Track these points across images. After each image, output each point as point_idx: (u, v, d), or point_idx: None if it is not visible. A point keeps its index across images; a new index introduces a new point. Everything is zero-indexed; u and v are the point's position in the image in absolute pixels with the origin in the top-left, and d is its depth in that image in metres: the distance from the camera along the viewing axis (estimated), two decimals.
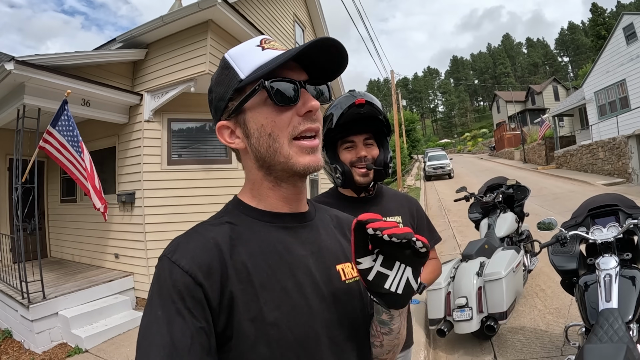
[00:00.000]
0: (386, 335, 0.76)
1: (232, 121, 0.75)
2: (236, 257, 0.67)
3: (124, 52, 5.95)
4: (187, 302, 0.60)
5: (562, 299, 4.07)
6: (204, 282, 0.62)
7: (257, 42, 0.75)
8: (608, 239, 2.44)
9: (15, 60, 4.40)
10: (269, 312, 0.65)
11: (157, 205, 5.81)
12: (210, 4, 5.12)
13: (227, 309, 0.63)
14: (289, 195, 0.77)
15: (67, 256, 7.46)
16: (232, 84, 0.72)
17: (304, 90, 0.72)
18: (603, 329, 1.94)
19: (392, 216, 1.54)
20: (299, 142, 0.72)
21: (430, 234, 1.65)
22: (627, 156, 12.63)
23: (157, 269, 0.66)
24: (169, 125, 6.07)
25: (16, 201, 4.69)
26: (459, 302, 3.26)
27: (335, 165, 1.46)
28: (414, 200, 1.66)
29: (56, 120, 4.52)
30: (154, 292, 0.63)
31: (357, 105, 1.39)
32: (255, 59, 0.71)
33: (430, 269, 1.63)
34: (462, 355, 3.37)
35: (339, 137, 1.48)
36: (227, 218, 0.74)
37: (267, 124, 0.71)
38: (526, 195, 4.79)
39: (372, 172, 1.46)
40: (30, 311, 4.55)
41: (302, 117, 0.72)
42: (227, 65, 0.74)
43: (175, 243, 0.68)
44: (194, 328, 0.59)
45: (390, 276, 0.65)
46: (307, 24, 11.08)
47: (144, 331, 0.61)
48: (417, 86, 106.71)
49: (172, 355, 0.57)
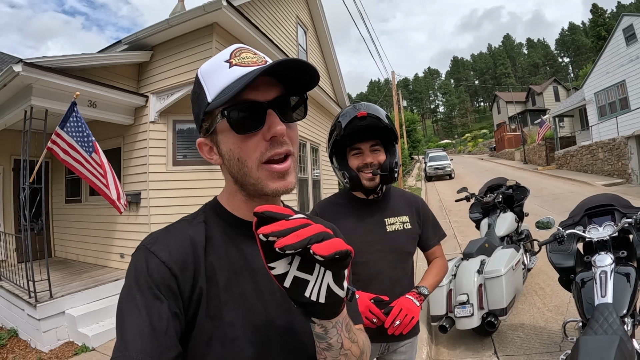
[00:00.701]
0: (326, 351, 0.66)
1: (208, 139, 0.76)
2: (207, 256, 0.71)
3: (129, 54, 6.03)
4: (163, 290, 0.63)
5: (561, 297, 4.14)
6: (179, 275, 0.66)
7: (227, 56, 0.72)
8: (604, 237, 2.52)
9: (24, 62, 4.46)
10: (227, 312, 0.68)
11: (162, 205, 5.88)
12: (215, 7, 5.20)
13: (196, 303, 0.67)
14: None
15: (72, 256, 7.52)
16: (202, 106, 0.72)
17: (270, 112, 0.69)
18: (598, 323, 2.02)
19: (400, 215, 1.64)
20: (268, 166, 0.70)
21: (434, 231, 1.73)
22: (626, 157, 12.68)
23: (134, 257, 0.68)
24: (174, 126, 6.14)
25: (23, 201, 4.72)
26: (460, 299, 3.34)
27: (344, 171, 1.58)
28: (419, 199, 1.75)
29: (65, 122, 4.57)
30: (131, 279, 0.65)
31: (359, 118, 1.49)
32: (220, 79, 0.69)
33: (435, 271, 1.70)
34: (463, 351, 3.44)
35: (347, 144, 1.59)
36: (204, 218, 0.77)
37: (235, 149, 0.71)
38: (525, 195, 4.87)
39: (379, 176, 1.56)
40: (37, 310, 4.59)
41: (269, 142, 0.69)
42: (199, 83, 0.74)
43: (154, 236, 0.71)
44: (170, 312, 0.62)
45: (311, 282, 0.55)
46: (309, 25, 11.15)
47: (122, 313, 0.62)
48: (418, 87, 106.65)
49: (150, 336, 0.59)
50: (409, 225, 1.63)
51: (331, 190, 11.83)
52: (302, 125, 9.24)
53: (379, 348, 1.63)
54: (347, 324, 0.66)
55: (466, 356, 3.37)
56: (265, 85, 0.70)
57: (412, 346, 1.69)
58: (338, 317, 0.62)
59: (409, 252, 1.65)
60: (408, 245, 1.63)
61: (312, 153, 10.23)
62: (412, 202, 1.71)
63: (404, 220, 1.63)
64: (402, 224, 1.62)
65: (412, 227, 1.64)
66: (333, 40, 12.14)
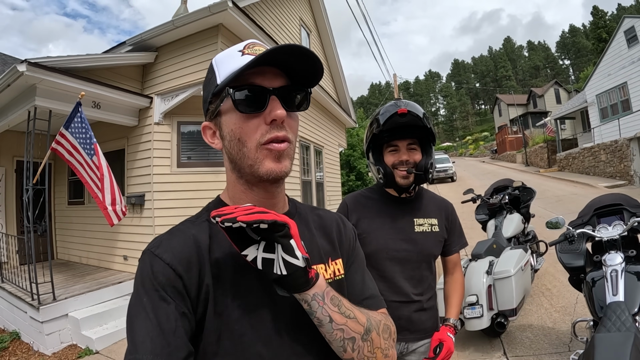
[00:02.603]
0: (320, 327, 0.70)
1: (213, 123, 0.79)
2: (212, 254, 0.71)
3: (134, 55, 6.03)
4: (169, 291, 0.65)
5: (568, 298, 4.12)
6: (184, 275, 0.66)
7: (241, 47, 0.76)
8: (613, 236, 2.51)
9: (28, 62, 4.43)
10: (234, 308, 0.69)
11: (166, 207, 5.86)
12: (221, 8, 5.20)
13: (204, 301, 0.68)
14: (261, 199, 0.78)
15: (74, 258, 7.50)
16: (211, 88, 0.76)
17: (273, 97, 0.72)
18: (611, 321, 2.01)
19: (429, 217, 1.65)
20: (266, 146, 0.72)
21: (459, 238, 1.75)
22: (628, 158, 12.68)
23: (140, 262, 0.70)
24: (178, 128, 6.13)
25: (27, 202, 4.71)
26: (469, 300, 3.31)
27: (379, 167, 1.59)
28: (449, 204, 1.77)
29: (69, 122, 4.56)
30: (138, 282, 0.67)
31: (399, 115, 1.49)
32: (231, 64, 0.73)
33: (457, 296, 1.72)
34: (472, 352, 3.42)
35: (385, 140, 1.59)
36: (207, 216, 0.77)
37: (236, 129, 0.73)
38: (532, 196, 4.85)
39: (413, 175, 1.55)
40: (40, 312, 4.56)
41: (269, 126, 0.72)
42: (211, 69, 0.78)
43: (158, 239, 0.72)
44: (178, 312, 0.64)
45: (275, 260, 0.64)
46: (312, 27, 11.17)
47: (131, 317, 0.64)
48: (419, 89, 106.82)
49: (159, 337, 0.60)
50: (437, 228, 1.64)
51: (335, 192, 11.80)
52: (306, 128, 9.24)
53: (398, 347, 1.63)
54: (331, 297, 0.70)
55: (476, 357, 3.35)
56: (272, 74, 0.73)
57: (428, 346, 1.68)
58: (314, 289, 0.67)
59: (434, 255, 1.65)
60: (434, 247, 1.64)
61: (315, 155, 10.22)
62: (442, 206, 1.72)
63: (433, 222, 1.64)
64: (430, 226, 1.63)
65: (440, 231, 1.65)
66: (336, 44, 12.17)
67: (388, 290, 1.58)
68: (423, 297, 1.61)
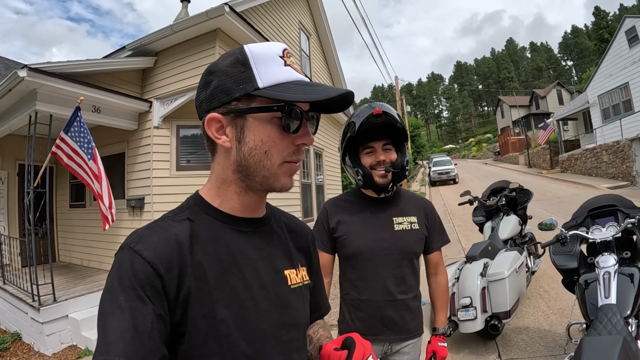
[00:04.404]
0: None
1: (227, 118, 0.73)
2: (194, 255, 0.69)
3: (133, 60, 6.08)
4: (147, 291, 0.62)
5: (565, 300, 4.11)
6: (164, 275, 0.64)
7: (280, 52, 0.73)
8: (607, 238, 2.50)
9: (28, 68, 4.49)
10: (219, 309, 0.68)
11: (166, 210, 5.69)
12: (218, 13, 5.24)
13: (183, 304, 0.66)
14: (251, 203, 0.79)
15: (76, 260, 7.55)
16: (245, 86, 0.70)
17: (306, 122, 0.75)
18: (602, 324, 2.01)
19: (409, 215, 1.67)
20: (288, 165, 0.75)
21: (439, 235, 1.76)
22: (631, 159, 12.62)
23: (117, 257, 0.66)
24: (177, 131, 6.18)
25: (28, 205, 4.77)
26: (463, 302, 3.32)
27: (357, 169, 1.62)
28: (428, 203, 1.79)
29: (69, 127, 4.60)
30: (114, 279, 0.63)
31: (375, 115, 1.53)
32: (277, 72, 0.71)
33: (442, 300, 1.80)
34: (467, 355, 3.41)
35: (361, 143, 1.63)
36: (188, 214, 0.75)
37: (267, 142, 0.72)
38: (529, 198, 4.84)
39: (390, 174, 1.60)
40: (41, 313, 4.60)
41: (296, 147, 0.75)
42: (245, 62, 0.71)
43: (137, 234, 0.69)
44: (154, 314, 0.61)
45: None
46: (312, 31, 11.20)
47: (104, 315, 0.61)
48: (421, 92, 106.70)
49: (133, 339, 0.58)
50: (416, 225, 1.66)
51: (334, 195, 11.79)
52: None
53: (382, 347, 1.63)
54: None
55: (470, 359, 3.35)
56: None
57: (416, 347, 1.69)
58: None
59: (416, 252, 1.67)
60: (414, 244, 1.65)
61: (315, 158, 10.24)
62: (421, 204, 1.74)
63: (412, 220, 1.66)
64: (410, 224, 1.65)
65: (420, 228, 1.66)
66: (336, 46, 12.19)
67: (371, 289, 1.60)
68: (407, 296, 1.63)
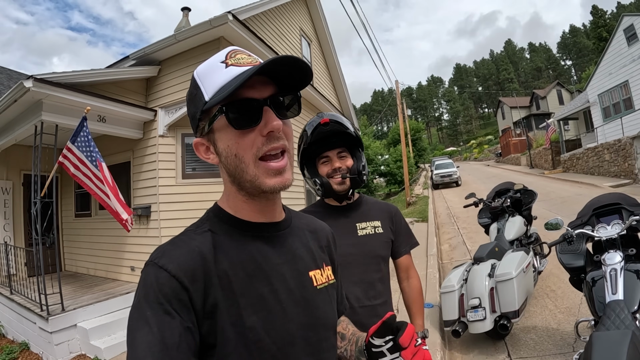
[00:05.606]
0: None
1: (205, 139, 0.77)
2: (218, 265, 0.70)
3: (137, 69, 6.15)
4: (174, 304, 0.63)
5: (572, 299, 4.12)
6: (189, 287, 0.65)
7: (222, 58, 0.74)
8: (612, 235, 2.53)
9: (34, 78, 4.55)
10: (247, 317, 0.69)
11: (172, 218, 5.93)
12: (222, 21, 5.31)
13: (210, 314, 0.67)
14: (262, 207, 0.80)
15: (82, 269, 7.58)
16: (199, 105, 0.73)
17: (267, 108, 0.72)
18: (610, 319, 2.03)
19: (372, 220, 1.67)
20: (265, 164, 0.72)
21: (406, 239, 1.76)
22: (632, 157, 12.61)
23: (143, 273, 0.68)
24: (182, 140, 6.22)
25: (35, 215, 4.79)
26: (472, 303, 3.34)
27: (315, 179, 1.62)
28: (393, 207, 1.79)
29: (75, 137, 4.64)
30: (140, 295, 0.65)
31: (322, 124, 1.54)
32: (217, 78, 0.72)
33: (416, 305, 1.74)
34: (477, 355, 3.43)
35: (317, 153, 1.64)
36: (209, 226, 0.77)
37: (232, 145, 0.72)
38: (533, 198, 4.87)
39: (348, 180, 1.60)
40: (49, 323, 4.62)
41: (266, 137, 0.72)
42: (195, 84, 0.75)
43: (161, 250, 0.70)
44: (182, 327, 0.62)
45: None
46: (313, 37, 11.29)
47: (133, 331, 0.62)
48: (422, 95, 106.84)
49: (161, 352, 0.58)
50: (380, 229, 1.66)
51: None
52: None
53: None
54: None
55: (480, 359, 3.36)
56: (261, 84, 0.72)
57: None
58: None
59: (382, 256, 1.66)
60: (379, 248, 1.65)
61: None
62: (385, 209, 1.75)
63: (376, 224, 1.66)
64: (373, 228, 1.65)
65: (384, 232, 1.67)
66: (337, 52, 12.27)
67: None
68: (376, 302, 1.61)
